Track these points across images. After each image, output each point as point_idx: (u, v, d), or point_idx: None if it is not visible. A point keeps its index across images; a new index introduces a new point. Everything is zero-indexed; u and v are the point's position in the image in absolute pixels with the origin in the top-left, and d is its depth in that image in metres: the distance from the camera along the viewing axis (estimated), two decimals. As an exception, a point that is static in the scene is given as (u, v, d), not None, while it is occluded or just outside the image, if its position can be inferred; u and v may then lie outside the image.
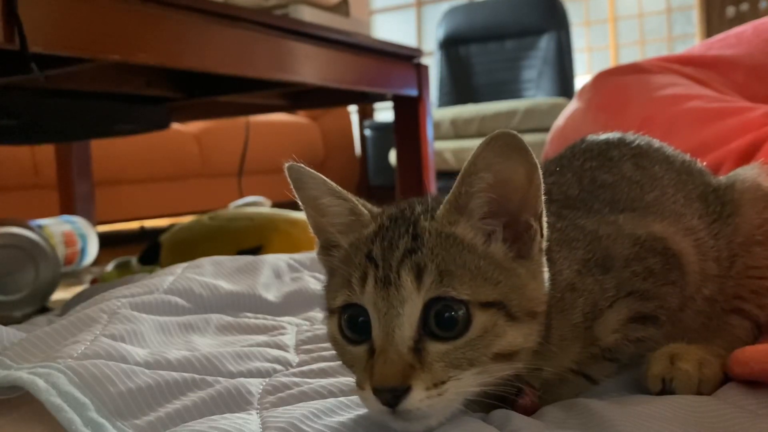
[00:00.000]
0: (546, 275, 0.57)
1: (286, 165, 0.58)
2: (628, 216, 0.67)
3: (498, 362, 0.52)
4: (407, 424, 0.51)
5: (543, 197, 0.55)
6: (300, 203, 0.60)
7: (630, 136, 0.79)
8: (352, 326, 0.54)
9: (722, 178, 0.79)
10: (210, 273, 1.01)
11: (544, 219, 0.56)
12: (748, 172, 0.77)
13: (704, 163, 0.82)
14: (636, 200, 0.70)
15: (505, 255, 0.55)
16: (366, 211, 0.58)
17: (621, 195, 0.70)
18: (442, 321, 0.51)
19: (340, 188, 0.58)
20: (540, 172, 0.53)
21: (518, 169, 0.53)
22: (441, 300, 0.51)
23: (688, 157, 0.80)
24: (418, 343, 0.51)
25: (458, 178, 0.54)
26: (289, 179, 0.59)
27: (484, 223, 0.55)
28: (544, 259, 0.57)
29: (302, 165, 0.57)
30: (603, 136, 0.79)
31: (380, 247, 0.53)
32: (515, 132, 0.52)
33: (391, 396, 0.49)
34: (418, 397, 0.49)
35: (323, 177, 0.58)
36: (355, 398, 0.60)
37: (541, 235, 0.56)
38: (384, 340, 0.51)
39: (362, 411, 0.57)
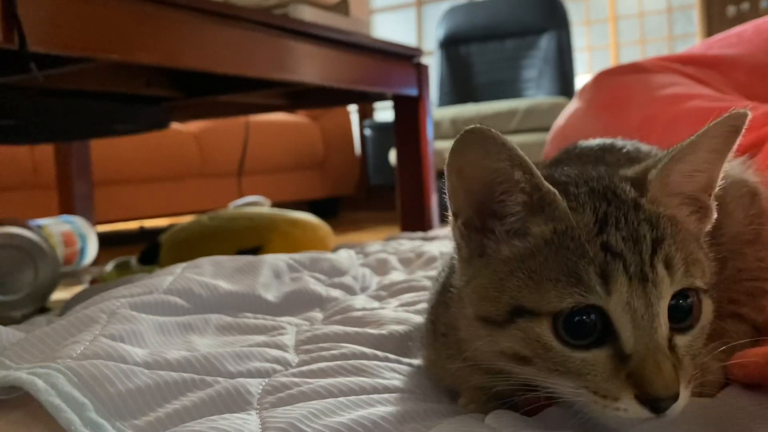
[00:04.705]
0: None
1: (470, 127, 0.48)
2: None
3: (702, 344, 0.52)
4: (654, 426, 0.48)
5: None
6: (454, 170, 0.50)
7: (619, 141, 0.77)
8: (572, 328, 0.47)
9: None
10: (209, 273, 1.01)
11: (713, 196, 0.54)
12: (733, 169, 0.74)
13: None
14: None
15: (701, 231, 0.53)
16: (551, 188, 0.50)
17: None
18: (679, 312, 0.49)
19: (527, 159, 0.49)
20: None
21: (727, 150, 0.51)
22: (681, 291, 0.48)
23: None
24: (671, 342, 0.48)
25: (673, 154, 0.51)
26: (462, 141, 0.49)
27: (685, 202, 0.53)
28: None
29: (493, 129, 0.48)
30: (594, 142, 0.78)
31: (619, 237, 0.47)
32: (743, 114, 0.50)
33: (670, 402, 0.45)
34: (684, 398, 0.46)
35: (515, 146, 0.49)
36: (354, 398, 0.60)
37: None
38: (647, 343, 0.46)
39: (361, 411, 0.57)
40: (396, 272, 1.34)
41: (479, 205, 0.52)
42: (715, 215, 0.55)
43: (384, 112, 4.77)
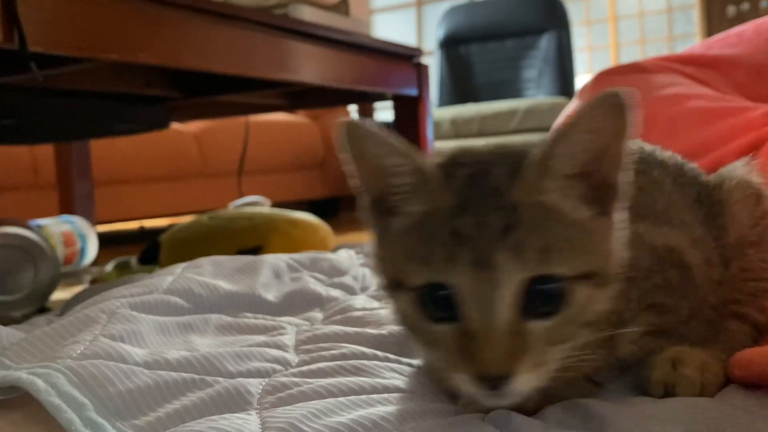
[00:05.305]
0: (619, 233, 0.55)
1: (343, 121, 0.52)
2: (646, 225, 0.65)
3: (583, 331, 0.52)
4: (501, 401, 0.51)
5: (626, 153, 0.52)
6: (348, 161, 0.54)
7: None
8: (432, 303, 0.51)
9: (711, 177, 0.77)
10: (209, 273, 1.01)
11: (623, 174, 0.54)
12: (737, 170, 0.75)
13: (695, 164, 0.79)
14: (648, 208, 0.68)
15: (588, 217, 0.53)
16: (434, 170, 0.52)
17: (633, 201, 0.69)
18: (540, 298, 0.49)
19: (404, 144, 0.52)
20: (631, 126, 0.51)
21: (617, 129, 0.50)
22: (540, 277, 0.49)
23: (679, 158, 0.77)
24: (518, 325, 0.49)
25: (553, 139, 0.50)
26: (341, 136, 0.53)
27: (570, 185, 0.52)
28: (620, 217, 0.55)
29: (364, 122, 0.52)
30: None
31: (469, 222, 0.49)
32: (621, 92, 0.49)
33: (498, 382, 0.48)
34: (522, 380, 0.48)
35: (386, 133, 0.52)
36: (354, 398, 0.60)
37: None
38: (484, 325, 0.48)
39: (361, 411, 0.57)
40: (396, 272, 1.34)
41: (374, 188, 0.55)
42: (625, 194, 0.54)
43: (384, 112, 4.78)
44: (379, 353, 0.75)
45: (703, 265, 0.67)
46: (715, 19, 3.97)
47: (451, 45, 4.26)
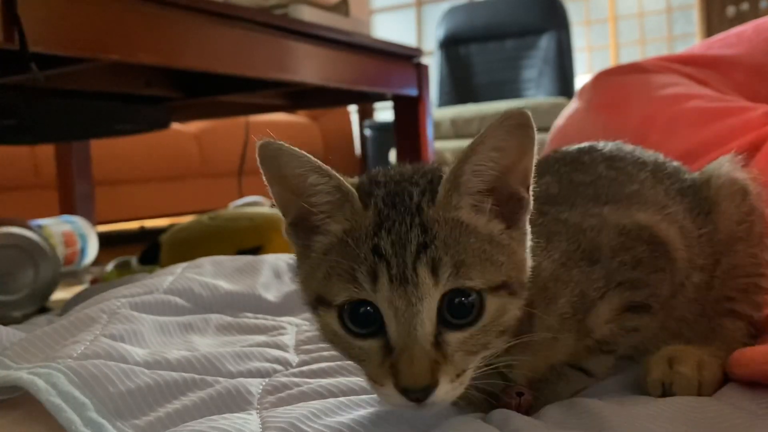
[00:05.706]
0: (529, 243, 0.57)
1: (260, 142, 0.53)
2: (612, 207, 0.67)
3: (499, 338, 0.54)
4: (425, 411, 0.52)
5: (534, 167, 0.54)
6: (267, 181, 0.55)
7: (600, 143, 0.78)
8: (355, 319, 0.52)
9: (696, 174, 0.77)
10: (210, 273, 1.01)
11: (532, 187, 0.56)
12: (723, 167, 0.76)
13: (680, 162, 0.80)
14: (616, 194, 0.69)
15: (500, 230, 0.55)
16: (353, 189, 0.54)
17: (601, 191, 0.69)
18: (456, 310, 0.51)
19: (323, 164, 0.53)
20: (536, 142, 0.53)
21: (522, 145, 0.52)
22: (456, 291, 0.51)
23: (661, 157, 0.78)
24: (438, 338, 0.51)
25: (462, 157, 0.52)
26: (260, 156, 0.53)
27: (480, 200, 0.54)
28: (528, 227, 0.57)
29: (281, 142, 0.53)
30: (574, 146, 0.79)
31: (389, 241, 0.51)
32: (526, 110, 0.51)
33: (422, 393, 0.49)
34: (444, 390, 0.50)
35: (306, 153, 0.53)
36: (354, 398, 0.60)
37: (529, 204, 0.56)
38: (406, 339, 0.50)
39: (361, 411, 0.57)
40: (396, 272, 1.34)
41: (296, 206, 0.56)
42: (529, 205, 0.56)
43: (384, 112, 4.77)
44: (379, 353, 0.75)
45: (680, 241, 0.67)
46: (714, 19, 3.97)
47: (450, 45, 4.26)
